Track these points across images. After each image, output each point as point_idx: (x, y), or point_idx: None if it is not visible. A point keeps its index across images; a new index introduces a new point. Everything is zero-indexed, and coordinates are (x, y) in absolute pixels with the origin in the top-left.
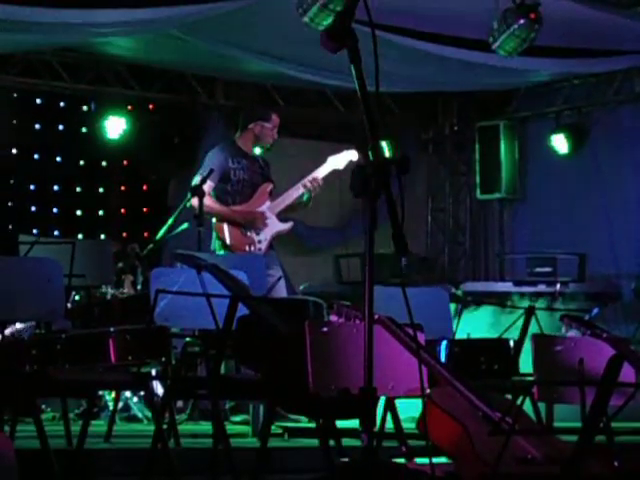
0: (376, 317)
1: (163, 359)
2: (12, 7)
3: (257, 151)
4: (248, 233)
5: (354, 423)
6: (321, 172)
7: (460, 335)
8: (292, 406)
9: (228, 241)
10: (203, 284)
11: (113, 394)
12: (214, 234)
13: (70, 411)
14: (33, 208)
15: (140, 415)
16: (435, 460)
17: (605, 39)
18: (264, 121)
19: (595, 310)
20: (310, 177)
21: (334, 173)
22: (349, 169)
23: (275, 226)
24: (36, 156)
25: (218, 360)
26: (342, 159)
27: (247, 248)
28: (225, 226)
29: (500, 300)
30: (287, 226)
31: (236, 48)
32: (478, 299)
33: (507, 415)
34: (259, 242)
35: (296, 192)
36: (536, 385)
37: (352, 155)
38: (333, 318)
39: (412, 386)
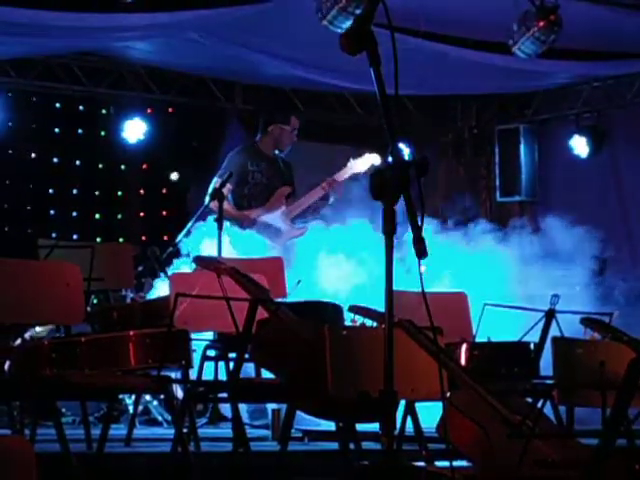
0: (396, 320)
1: (183, 362)
2: (32, 11)
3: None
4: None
5: (374, 426)
6: (342, 175)
7: (480, 338)
8: (312, 409)
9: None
10: (223, 287)
11: (133, 397)
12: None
13: (90, 415)
14: (52, 212)
15: (160, 418)
16: (455, 463)
17: (624, 41)
18: (283, 124)
19: (616, 313)
20: (330, 179)
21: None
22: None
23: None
24: (55, 160)
25: (238, 363)
26: (364, 163)
27: None
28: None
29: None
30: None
31: (255, 52)
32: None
33: (527, 418)
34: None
35: (314, 195)
36: (556, 388)
37: (374, 159)
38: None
39: (432, 389)
